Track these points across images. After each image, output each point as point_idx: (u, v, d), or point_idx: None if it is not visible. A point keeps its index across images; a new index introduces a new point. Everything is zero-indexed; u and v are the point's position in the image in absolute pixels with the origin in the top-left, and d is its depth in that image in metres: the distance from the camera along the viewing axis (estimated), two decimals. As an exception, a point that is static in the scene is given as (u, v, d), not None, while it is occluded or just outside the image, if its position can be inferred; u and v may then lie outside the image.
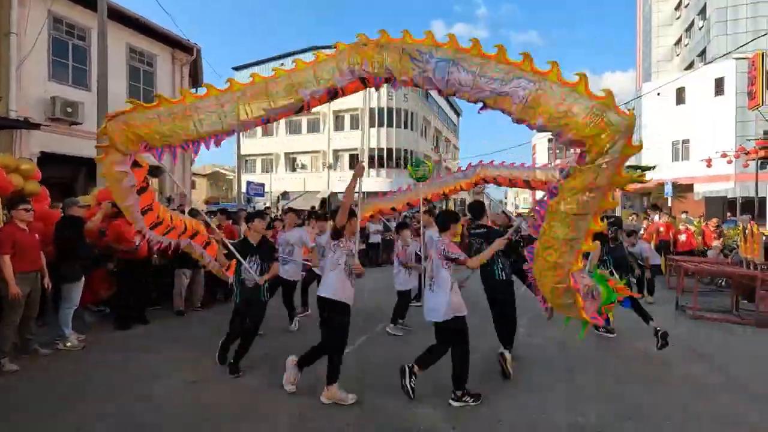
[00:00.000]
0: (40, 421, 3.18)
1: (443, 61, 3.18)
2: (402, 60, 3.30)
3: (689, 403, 3.55)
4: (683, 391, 3.81)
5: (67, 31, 9.76)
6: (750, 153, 13.54)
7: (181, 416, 3.24)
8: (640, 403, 3.53)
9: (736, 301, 6.78)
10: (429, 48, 3.26)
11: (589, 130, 2.79)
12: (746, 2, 28.13)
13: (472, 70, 3.11)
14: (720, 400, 3.62)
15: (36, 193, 5.16)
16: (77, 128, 9.69)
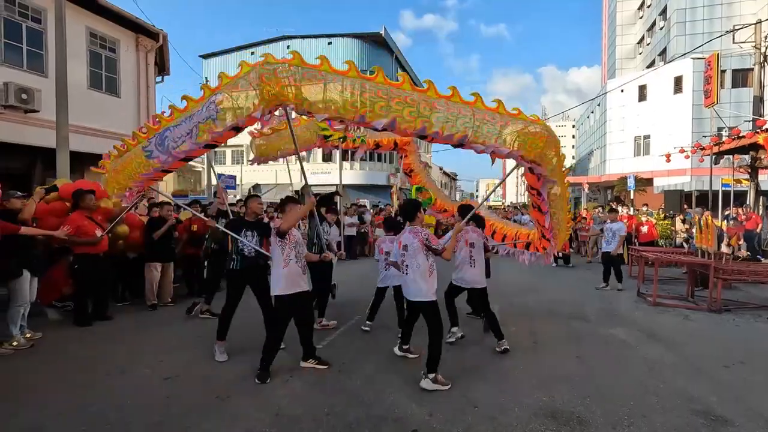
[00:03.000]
0: (1, 420, 3.04)
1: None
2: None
3: (647, 381, 3.78)
4: (642, 370, 4.04)
5: (20, 12, 9.17)
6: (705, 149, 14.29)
7: (147, 412, 3.16)
8: (601, 383, 3.73)
9: (691, 289, 7.21)
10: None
11: (535, 151, 3.62)
12: (703, 5, 29.51)
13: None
14: (675, 378, 3.87)
15: None
16: (34, 116, 9.15)
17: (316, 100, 3.53)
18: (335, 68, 3.59)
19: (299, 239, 3.97)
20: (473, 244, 4.66)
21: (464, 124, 3.62)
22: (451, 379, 3.70)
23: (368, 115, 3.54)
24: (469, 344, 4.74)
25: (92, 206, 5.42)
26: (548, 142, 3.69)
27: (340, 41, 30.62)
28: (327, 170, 27.58)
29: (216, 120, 3.67)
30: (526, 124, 3.67)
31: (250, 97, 3.59)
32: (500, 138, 3.63)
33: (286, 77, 3.46)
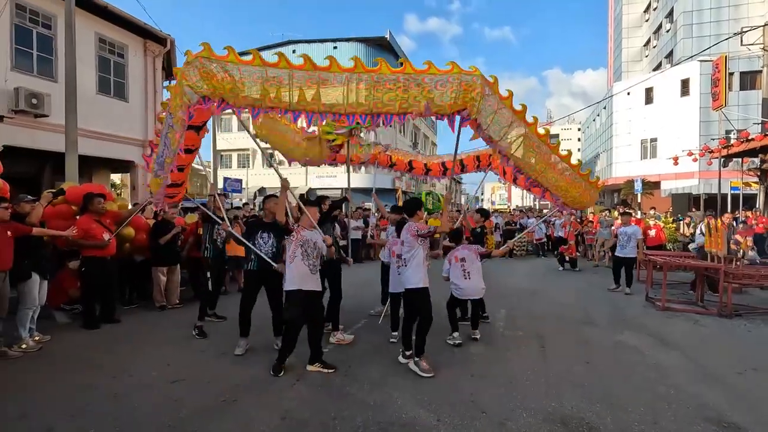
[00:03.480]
0: (10, 421, 3.06)
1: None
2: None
3: (657, 387, 3.72)
4: (652, 376, 3.99)
5: (31, 19, 9.30)
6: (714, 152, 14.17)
7: (156, 415, 3.17)
8: (610, 389, 3.68)
9: (701, 293, 7.12)
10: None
11: (457, 101, 3.61)
12: (710, 7, 29.36)
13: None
14: (687, 384, 3.81)
15: None
16: (43, 121, 9.27)
17: (224, 88, 3.49)
18: (240, 59, 3.56)
19: (309, 239, 3.97)
20: (464, 259, 4.85)
21: (366, 98, 3.60)
22: (456, 384, 3.67)
23: (274, 101, 3.55)
24: (477, 349, 4.71)
25: (100, 210, 5.46)
26: (465, 88, 3.61)
27: (346, 45, 30.77)
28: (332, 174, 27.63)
29: (174, 126, 3.80)
30: (436, 78, 3.61)
31: (182, 95, 3.65)
32: (404, 103, 3.62)
33: (204, 70, 3.44)
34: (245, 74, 3.48)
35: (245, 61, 3.52)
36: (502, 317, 6.09)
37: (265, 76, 3.50)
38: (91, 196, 5.42)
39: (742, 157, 14.43)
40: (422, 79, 3.59)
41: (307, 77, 3.54)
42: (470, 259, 4.86)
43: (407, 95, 3.60)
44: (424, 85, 3.59)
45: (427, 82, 3.60)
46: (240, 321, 4.53)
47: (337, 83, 3.57)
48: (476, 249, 4.99)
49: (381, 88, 3.58)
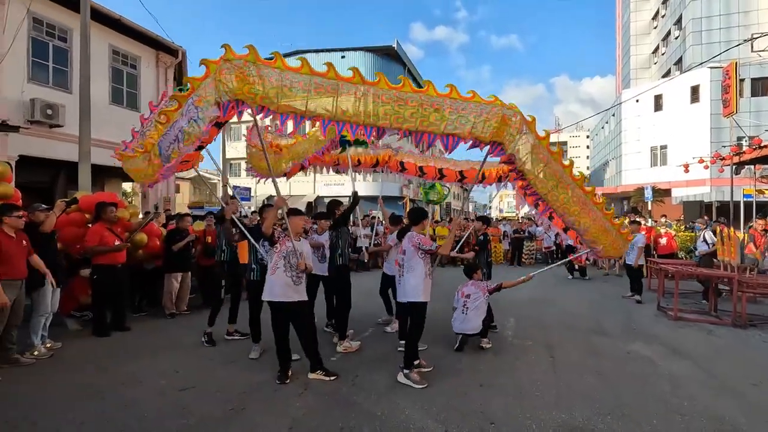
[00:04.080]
0: (21, 427, 3.09)
1: None
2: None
3: (670, 399, 3.65)
4: (665, 388, 3.91)
5: (47, 32, 9.55)
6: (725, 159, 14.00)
7: (165, 423, 3.18)
8: (621, 400, 3.62)
9: (714, 303, 7.00)
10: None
11: (493, 132, 3.69)
12: (719, 14, 29.20)
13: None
14: (700, 396, 3.73)
15: (9, 195, 5.02)
16: (58, 131, 9.47)
17: (268, 95, 3.48)
18: (288, 65, 3.55)
19: (292, 250, 3.94)
20: (469, 296, 4.90)
21: (412, 114, 3.63)
22: (465, 394, 3.64)
23: (318, 110, 3.55)
24: (486, 358, 4.67)
25: (113, 218, 5.54)
26: (506, 121, 3.69)
27: (353, 55, 31.07)
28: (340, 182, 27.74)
29: (198, 121, 3.70)
30: (480, 107, 3.69)
31: (217, 93, 3.59)
32: (450, 125, 3.67)
33: (242, 72, 3.42)
34: (292, 81, 3.48)
35: (293, 68, 3.52)
36: (511, 326, 6.04)
37: (312, 85, 3.50)
38: (103, 205, 5.51)
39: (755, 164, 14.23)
40: (468, 106, 3.69)
41: (354, 89, 3.57)
42: (475, 297, 4.89)
43: (453, 118, 3.67)
44: (470, 111, 3.68)
45: (471, 108, 3.69)
46: (251, 328, 4.65)
47: (386, 98, 3.61)
48: (485, 287, 5.02)
49: (428, 107, 3.64)
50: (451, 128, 3.70)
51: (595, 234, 4.62)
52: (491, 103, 3.77)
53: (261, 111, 3.55)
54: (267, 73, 3.44)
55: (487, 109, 3.71)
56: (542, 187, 4.20)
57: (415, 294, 4.02)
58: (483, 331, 4.98)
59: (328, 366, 4.12)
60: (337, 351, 4.78)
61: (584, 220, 4.48)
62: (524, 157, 3.95)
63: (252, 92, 3.42)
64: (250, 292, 4.67)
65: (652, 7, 37.93)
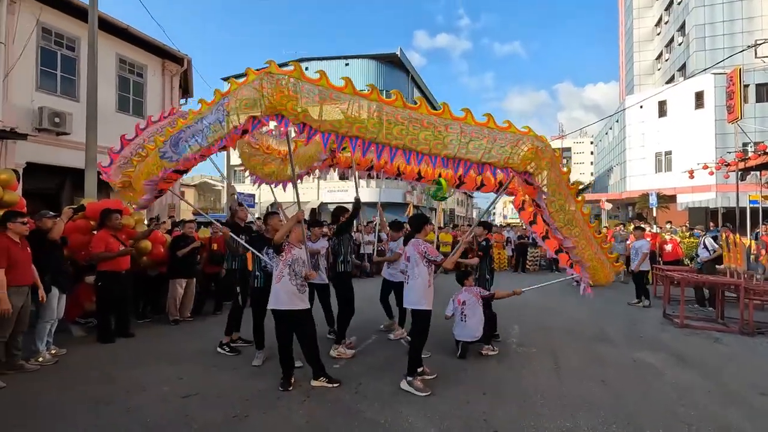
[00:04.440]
0: (26, 437, 3.10)
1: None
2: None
3: (677, 408, 3.61)
4: (671, 396, 3.87)
5: (56, 41, 9.70)
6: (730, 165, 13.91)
7: (167, 429, 3.18)
8: (627, 409, 3.58)
9: (721, 310, 6.93)
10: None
11: (525, 163, 3.70)
12: (723, 20, 29.21)
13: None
14: (708, 405, 3.69)
15: (14, 203, 5.07)
16: (65, 138, 9.58)
17: (312, 114, 3.50)
18: (332, 84, 3.59)
19: (298, 258, 3.96)
20: (465, 303, 4.90)
21: (452, 141, 3.67)
22: (469, 402, 3.62)
23: (362, 131, 3.55)
24: (490, 366, 4.64)
25: (118, 225, 5.58)
26: (538, 153, 3.73)
27: (357, 62, 31.29)
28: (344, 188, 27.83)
29: (223, 122, 3.74)
30: (516, 137, 3.74)
31: (254, 102, 3.60)
32: (487, 153, 3.70)
33: (286, 88, 3.45)
34: (336, 100, 3.50)
35: (337, 87, 3.55)
36: (516, 333, 6.01)
37: (356, 106, 3.52)
38: (108, 212, 5.56)
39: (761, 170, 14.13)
40: (505, 135, 3.75)
41: (397, 113, 3.59)
42: (471, 303, 4.90)
43: (491, 147, 3.71)
44: (507, 141, 3.72)
45: (508, 138, 3.73)
46: (254, 335, 4.67)
47: (427, 124, 3.64)
48: (478, 292, 5.02)
49: (467, 135, 3.68)
50: (487, 157, 3.73)
51: (593, 266, 4.69)
52: (525, 133, 3.81)
53: (303, 128, 3.54)
54: (309, 89, 3.46)
55: (522, 139, 3.75)
56: (558, 219, 4.20)
57: (417, 301, 4.04)
58: (485, 338, 4.96)
59: (331, 373, 4.11)
60: (329, 354, 4.79)
61: (587, 254, 4.56)
62: (550, 190, 3.96)
63: (295, 109, 3.43)
64: (254, 299, 4.68)
65: (655, 13, 38.03)
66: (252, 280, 4.65)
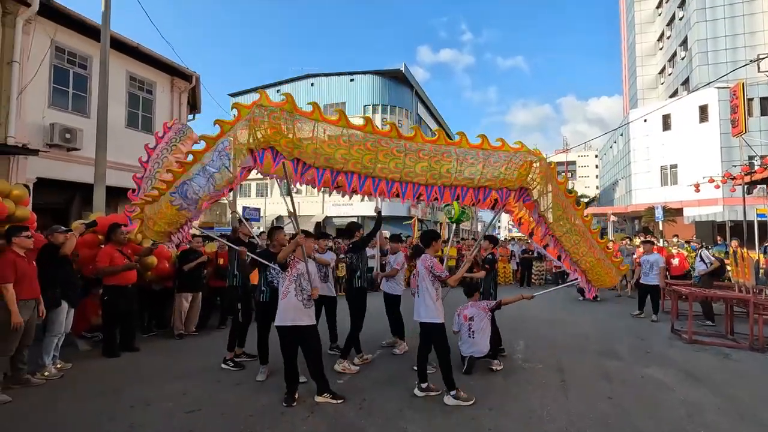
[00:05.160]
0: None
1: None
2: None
3: (686, 426, 3.55)
4: (680, 414, 3.81)
5: (68, 60, 9.95)
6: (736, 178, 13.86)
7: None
8: (635, 427, 3.52)
9: (730, 325, 6.83)
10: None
11: (521, 180, 3.77)
12: (725, 35, 29.43)
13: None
14: (718, 423, 3.62)
15: (25, 218, 5.15)
16: (75, 154, 9.74)
17: (305, 149, 3.42)
18: (326, 116, 3.50)
19: (304, 272, 3.96)
20: (472, 318, 4.90)
21: (448, 170, 3.68)
22: (474, 418, 3.58)
23: (357, 167, 3.53)
24: (496, 381, 4.59)
25: (123, 240, 5.64)
26: (532, 168, 3.77)
27: (362, 78, 31.69)
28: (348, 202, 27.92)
29: (229, 166, 3.63)
30: (509, 156, 3.76)
31: (249, 137, 3.48)
32: (482, 177, 3.73)
33: (277, 121, 3.35)
34: (329, 135, 3.46)
35: (330, 120, 3.50)
36: (521, 348, 5.95)
37: (350, 140, 3.49)
38: (114, 227, 5.63)
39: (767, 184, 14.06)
40: (499, 156, 3.77)
41: (393, 145, 3.58)
42: (478, 318, 4.89)
43: (486, 171, 3.73)
44: (502, 162, 3.75)
45: (502, 159, 3.76)
46: (258, 350, 4.66)
47: (423, 155, 3.63)
48: (485, 306, 5.02)
49: (463, 162, 3.69)
50: (484, 181, 3.76)
51: (598, 271, 4.74)
52: (518, 150, 3.83)
53: (297, 164, 3.48)
54: (303, 124, 3.39)
55: (515, 156, 3.77)
56: (558, 229, 4.26)
57: (427, 315, 4.09)
58: (492, 353, 4.93)
59: (336, 388, 4.09)
60: (334, 368, 4.79)
61: (590, 259, 4.61)
62: (547, 203, 4.02)
63: (289, 145, 3.37)
64: (259, 313, 4.69)
65: (656, 29, 38.41)
66: (258, 294, 4.66)
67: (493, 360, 4.97)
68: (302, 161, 3.49)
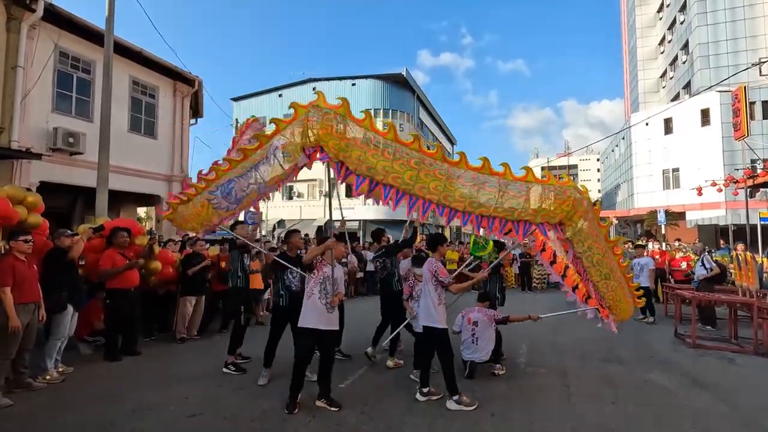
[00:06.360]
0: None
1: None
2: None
3: (692, 434, 3.52)
4: (686, 420, 3.77)
5: (72, 65, 10.01)
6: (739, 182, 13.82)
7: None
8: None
9: (734, 330, 6.79)
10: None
11: (562, 215, 3.65)
12: (726, 38, 29.46)
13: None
14: (722, 430, 3.59)
15: (38, 225, 5.15)
16: (78, 158, 9.78)
17: (350, 154, 3.51)
18: (376, 127, 3.59)
19: (329, 276, 3.95)
20: (476, 323, 4.87)
21: (488, 200, 3.61)
22: (476, 424, 3.55)
23: (397, 181, 3.56)
24: (498, 386, 4.57)
25: (124, 243, 5.65)
26: (574, 205, 3.63)
27: (364, 82, 31.78)
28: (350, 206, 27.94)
29: (283, 163, 3.74)
30: (550, 190, 3.63)
31: (303, 137, 3.62)
32: (524, 211, 3.63)
33: (331, 124, 3.46)
34: (376, 145, 3.49)
35: (381, 132, 3.55)
36: (524, 353, 5.92)
37: (395, 154, 3.51)
38: (115, 231, 5.65)
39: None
40: (544, 190, 3.64)
41: (435, 167, 3.59)
42: (483, 325, 4.87)
43: (527, 205, 3.63)
44: (545, 196, 3.62)
45: (547, 192, 3.64)
46: (265, 353, 4.66)
47: (465, 182, 3.61)
48: (492, 315, 4.98)
49: (505, 194, 3.61)
50: (525, 215, 3.66)
51: (623, 308, 4.42)
52: (564, 184, 3.73)
53: (341, 167, 3.54)
54: (353, 129, 3.46)
55: (560, 190, 3.66)
56: (594, 275, 4.07)
57: (428, 320, 4.08)
58: (494, 357, 4.91)
59: (338, 393, 4.08)
60: (387, 366, 5.12)
61: (619, 294, 4.31)
62: (582, 238, 3.86)
63: (336, 147, 3.44)
64: (275, 316, 4.73)
65: (658, 33, 38.48)
66: (276, 297, 4.69)
67: (495, 364, 4.95)
68: (345, 165, 3.55)
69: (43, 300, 4.44)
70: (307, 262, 3.94)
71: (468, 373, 4.76)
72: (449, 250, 14.10)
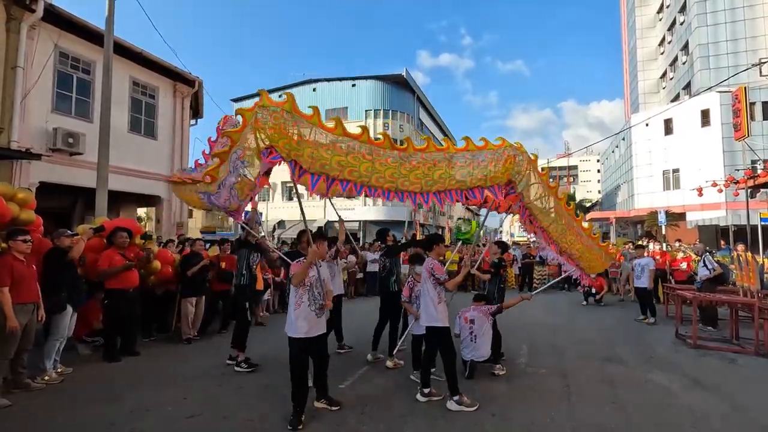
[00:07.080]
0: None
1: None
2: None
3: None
4: (686, 421, 3.76)
5: (72, 65, 10.00)
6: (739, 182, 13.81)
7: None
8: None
9: (735, 330, 6.77)
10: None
11: (507, 174, 3.93)
12: (726, 39, 29.46)
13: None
14: (724, 431, 3.57)
15: (30, 221, 5.13)
16: (78, 158, 9.77)
17: (303, 152, 3.37)
18: (323, 123, 3.46)
19: (316, 280, 3.81)
20: (473, 321, 4.87)
21: (441, 175, 3.78)
22: (477, 424, 3.54)
23: (354, 175, 3.53)
24: (499, 386, 4.55)
25: (123, 243, 5.63)
26: (515, 161, 3.92)
27: (364, 83, 31.79)
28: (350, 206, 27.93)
29: (248, 174, 3.70)
30: (494, 154, 3.90)
31: (256, 141, 3.46)
32: (473, 178, 3.86)
33: (279, 121, 3.31)
34: (327, 141, 3.44)
35: (328, 128, 3.47)
36: (525, 353, 5.90)
37: (347, 148, 3.50)
38: (115, 231, 5.64)
39: (771, 188, 14.01)
40: (486, 156, 3.91)
41: (387, 156, 3.66)
42: (479, 322, 4.86)
43: (476, 172, 3.86)
44: (489, 160, 3.90)
45: (489, 157, 3.91)
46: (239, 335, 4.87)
47: (416, 163, 3.73)
48: (487, 310, 4.98)
49: (454, 166, 3.83)
50: (474, 181, 3.89)
51: (587, 258, 4.97)
52: (501, 146, 3.97)
53: (294, 166, 3.42)
54: (302, 127, 3.36)
55: (499, 152, 3.91)
56: (544, 219, 4.44)
57: (429, 319, 4.08)
58: (493, 357, 4.89)
59: (338, 393, 4.07)
60: (387, 366, 5.13)
61: (578, 247, 4.79)
62: (532, 195, 4.18)
63: (287, 147, 3.33)
64: (238, 296, 4.97)
65: (657, 33, 38.48)
66: (237, 278, 4.92)
67: (495, 364, 4.94)
68: (299, 164, 3.43)
69: (43, 300, 4.43)
70: (297, 285, 3.73)
71: (468, 373, 4.75)
72: (449, 251, 14.07)
